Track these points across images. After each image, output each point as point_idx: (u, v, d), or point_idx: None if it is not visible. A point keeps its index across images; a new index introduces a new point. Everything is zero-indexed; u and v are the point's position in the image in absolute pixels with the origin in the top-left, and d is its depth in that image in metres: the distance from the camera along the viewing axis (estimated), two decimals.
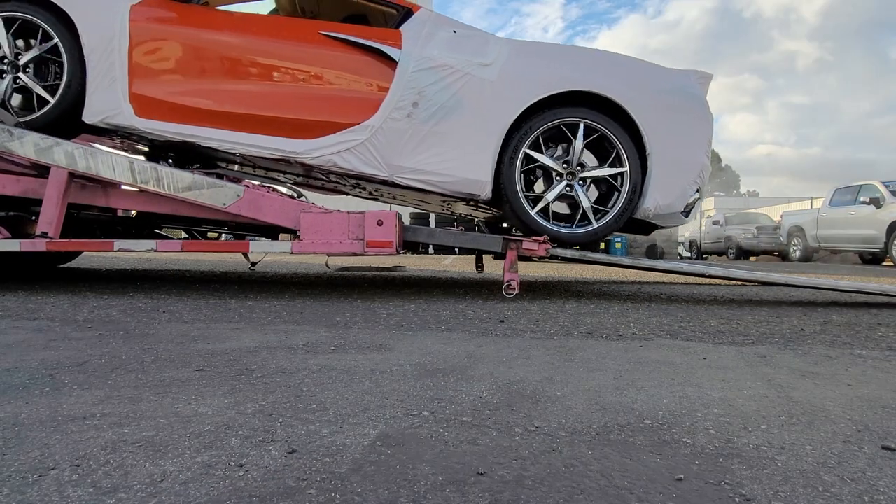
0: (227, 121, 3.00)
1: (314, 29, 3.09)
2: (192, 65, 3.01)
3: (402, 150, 3.03)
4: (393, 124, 3.01)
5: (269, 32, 3.11)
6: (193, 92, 2.99)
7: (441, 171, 3.05)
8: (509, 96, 3.03)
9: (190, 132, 2.99)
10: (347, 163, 3.04)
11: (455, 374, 1.47)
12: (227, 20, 3.14)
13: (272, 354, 1.66)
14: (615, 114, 3.07)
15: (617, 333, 2.15)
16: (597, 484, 0.84)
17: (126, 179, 2.97)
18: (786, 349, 1.92)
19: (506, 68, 3.05)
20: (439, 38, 3.10)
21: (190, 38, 3.01)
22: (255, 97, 3.02)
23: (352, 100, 3.05)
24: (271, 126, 3.02)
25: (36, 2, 2.93)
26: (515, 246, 3.16)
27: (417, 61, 3.01)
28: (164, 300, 2.83)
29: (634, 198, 3.12)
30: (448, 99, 3.01)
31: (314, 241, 2.94)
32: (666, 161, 3.12)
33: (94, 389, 1.27)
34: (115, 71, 2.92)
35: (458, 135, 3.03)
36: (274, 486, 0.81)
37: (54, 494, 0.77)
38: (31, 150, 2.95)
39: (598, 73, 3.12)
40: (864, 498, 0.82)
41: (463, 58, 3.04)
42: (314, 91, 3.05)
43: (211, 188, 2.97)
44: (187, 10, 3.08)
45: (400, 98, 3.00)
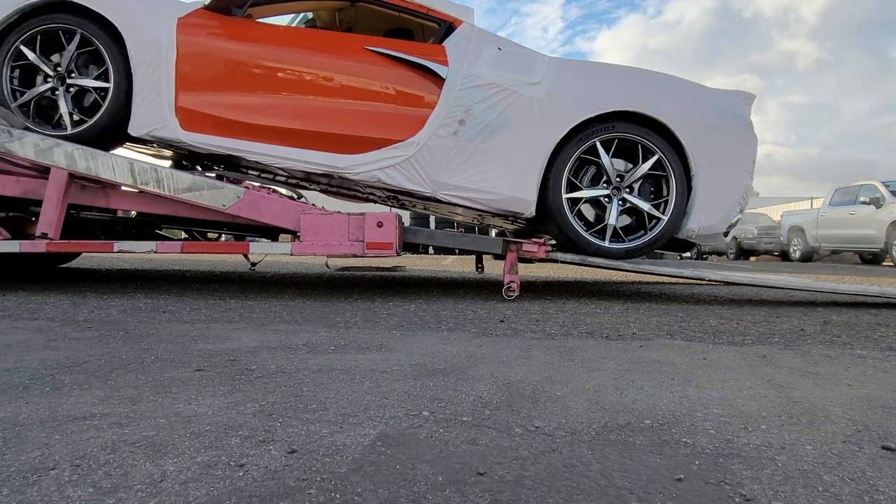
0: (272, 135, 3.00)
1: (359, 44, 3.09)
2: (237, 78, 3.00)
3: (447, 168, 3.03)
4: (438, 141, 3.01)
5: (314, 47, 3.10)
6: (238, 105, 2.99)
7: (486, 189, 3.06)
8: (556, 115, 3.04)
9: (235, 146, 2.99)
10: (391, 179, 3.04)
11: (455, 374, 1.47)
12: (271, 34, 3.14)
13: (272, 354, 1.66)
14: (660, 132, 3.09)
15: (617, 333, 2.15)
16: (597, 484, 0.84)
17: (126, 180, 2.97)
18: (786, 349, 1.92)
19: (553, 87, 3.06)
20: (485, 56, 3.10)
21: (235, 52, 3.01)
22: (300, 111, 3.01)
23: (397, 116, 3.05)
24: (316, 141, 3.01)
25: (84, 14, 2.92)
26: (515, 248, 3.16)
27: (465, 79, 3.01)
28: (164, 300, 2.83)
29: (679, 218, 3.15)
30: (495, 117, 3.01)
31: (314, 242, 2.93)
32: (711, 182, 3.14)
33: (94, 389, 1.27)
34: (161, 83, 2.91)
35: (503, 153, 3.04)
36: (274, 486, 0.81)
37: (54, 494, 0.77)
38: (31, 151, 2.95)
39: (645, 92, 3.13)
40: (864, 498, 0.82)
41: (510, 76, 3.04)
42: (359, 107, 3.04)
43: (211, 189, 2.97)
44: (232, 24, 3.08)
45: (446, 115, 3.00)
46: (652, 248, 3.23)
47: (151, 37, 2.92)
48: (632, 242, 3.16)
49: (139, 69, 2.90)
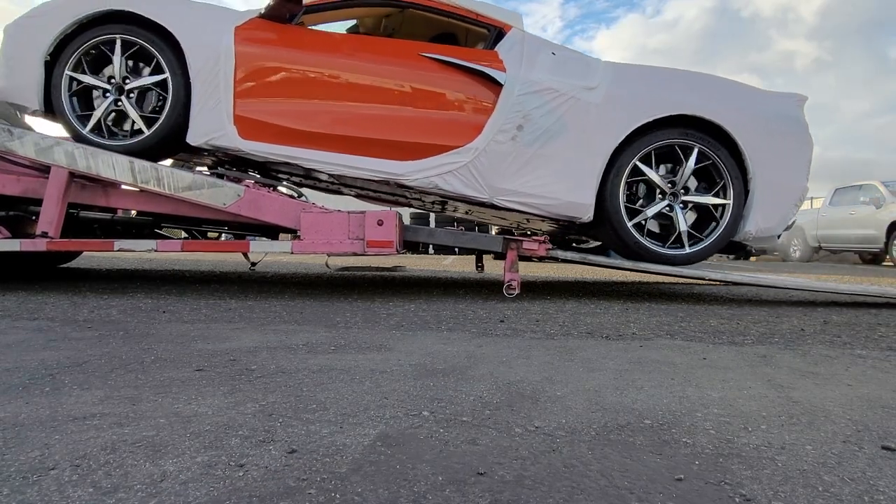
0: (330, 142, 3.00)
1: (414, 50, 3.09)
2: (293, 86, 3.00)
3: (505, 173, 3.04)
4: (496, 147, 3.01)
5: (369, 54, 3.10)
6: (295, 113, 2.99)
7: (543, 194, 3.06)
8: (615, 120, 3.04)
9: (292, 154, 2.99)
10: (449, 185, 3.04)
11: (455, 374, 1.47)
12: (327, 41, 3.14)
13: (272, 354, 1.66)
14: (716, 135, 3.10)
15: (617, 333, 2.15)
16: (597, 484, 0.84)
17: (126, 179, 2.97)
18: (786, 349, 1.92)
19: (610, 92, 3.06)
20: (541, 61, 3.10)
21: (292, 60, 3.01)
22: (357, 119, 3.01)
23: (454, 122, 3.06)
24: (373, 148, 3.02)
25: (142, 24, 2.93)
26: (516, 246, 3.16)
27: (523, 85, 3.01)
28: (164, 300, 2.83)
29: (737, 221, 3.15)
30: (553, 122, 3.01)
31: (314, 240, 2.93)
32: (768, 185, 3.14)
33: (94, 389, 1.27)
34: (219, 92, 2.92)
35: (561, 158, 3.04)
36: (274, 486, 0.81)
37: (54, 494, 0.77)
38: (31, 150, 2.95)
39: (702, 96, 3.13)
40: (864, 498, 0.82)
41: (568, 81, 3.05)
42: (416, 113, 3.04)
43: (211, 188, 2.97)
44: (287, 32, 3.08)
45: (505, 121, 3.00)
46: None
47: (210, 46, 2.93)
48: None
49: (198, 78, 2.91)
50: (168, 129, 2.95)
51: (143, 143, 2.98)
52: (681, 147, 3.09)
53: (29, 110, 3.04)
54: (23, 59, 2.97)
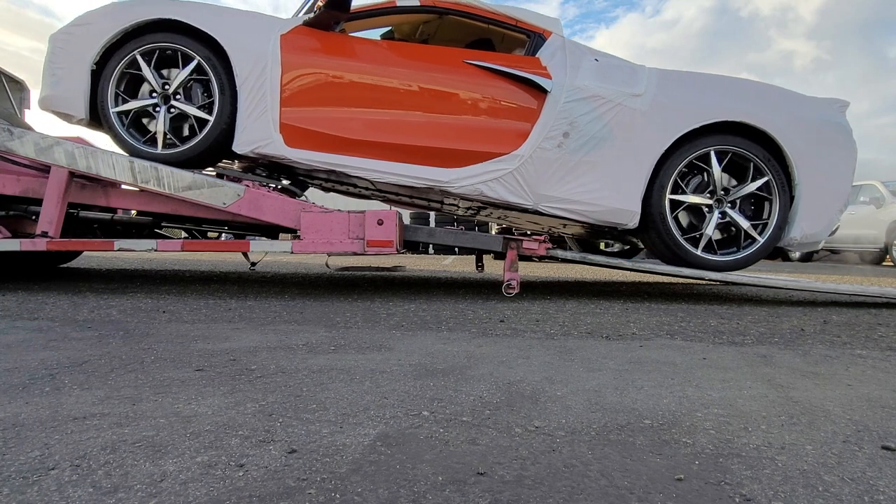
0: (375, 150, 3.00)
1: (458, 57, 3.09)
2: (339, 94, 3.00)
3: (550, 180, 3.04)
4: (542, 154, 3.02)
5: (414, 61, 3.10)
6: (342, 121, 2.99)
7: (589, 201, 3.06)
8: (661, 126, 3.05)
9: (338, 161, 2.99)
10: (494, 192, 3.04)
11: (455, 374, 1.47)
12: (371, 49, 3.13)
13: (272, 354, 1.66)
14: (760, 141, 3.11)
15: (617, 333, 2.15)
16: (597, 484, 0.84)
17: (126, 178, 2.97)
18: (786, 349, 1.92)
19: (657, 99, 3.07)
20: (586, 68, 3.10)
21: (337, 67, 3.02)
22: (403, 126, 3.01)
23: (499, 129, 3.05)
24: (418, 155, 3.02)
25: (187, 33, 2.94)
26: (516, 245, 3.16)
27: (570, 92, 3.01)
28: (164, 300, 2.83)
29: (782, 227, 3.17)
30: (600, 129, 3.02)
31: (315, 240, 2.94)
32: (814, 191, 3.15)
33: (94, 389, 1.27)
34: (266, 101, 2.93)
35: (608, 165, 3.04)
36: (274, 486, 0.81)
37: (54, 494, 0.77)
38: (31, 150, 2.95)
39: (748, 102, 3.13)
40: (864, 498, 0.82)
41: (614, 88, 3.05)
42: (461, 120, 3.04)
43: (211, 188, 2.97)
44: (332, 39, 3.09)
45: (551, 128, 3.01)
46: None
47: (257, 54, 2.93)
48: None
49: (244, 86, 2.92)
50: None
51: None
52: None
53: (74, 119, 3.04)
54: (69, 69, 2.97)
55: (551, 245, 3.22)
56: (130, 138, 3.01)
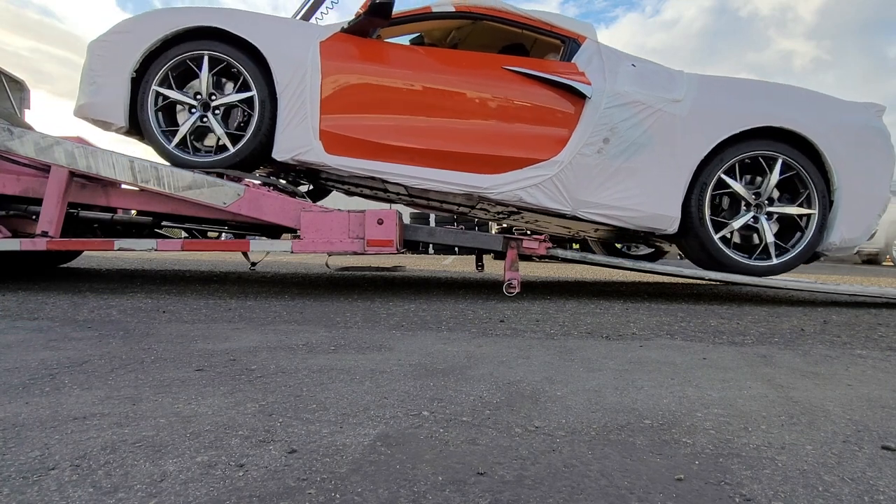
0: (414, 157, 3.00)
1: (497, 63, 3.09)
2: (379, 100, 3.00)
3: (589, 186, 3.04)
4: (582, 160, 3.01)
5: (452, 67, 3.09)
6: (381, 128, 2.99)
7: (629, 207, 3.06)
8: (701, 132, 3.05)
9: (378, 168, 2.99)
10: (533, 198, 3.04)
11: (455, 374, 1.47)
12: (410, 55, 3.13)
13: (272, 354, 1.66)
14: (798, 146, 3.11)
15: (617, 333, 2.15)
16: (597, 484, 0.84)
17: (126, 178, 2.97)
18: (786, 349, 1.92)
19: (696, 104, 3.07)
20: (624, 73, 3.10)
21: (376, 74, 3.01)
22: (442, 132, 3.01)
23: (538, 135, 3.05)
24: (457, 161, 3.01)
25: (227, 40, 2.93)
26: (516, 245, 3.16)
27: (610, 97, 3.01)
28: (164, 300, 2.83)
29: (821, 231, 3.17)
30: (640, 135, 3.02)
31: (315, 239, 2.94)
32: (852, 195, 3.16)
33: (94, 389, 1.27)
34: (306, 108, 2.92)
35: (647, 171, 3.05)
36: (274, 486, 0.81)
37: (54, 494, 0.77)
38: (31, 150, 2.95)
39: (787, 107, 3.13)
40: (864, 498, 0.82)
41: (654, 94, 3.06)
42: (499, 127, 3.04)
43: (211, 187, 2.97)
44: (370, 46, 3.08)
45: (591, 134, 3.00)
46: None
47: (296, 61, 2.93)
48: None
49: (284, 94, 2.91)
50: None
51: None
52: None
53: (113, 127, 3.03)
54: (109, 76, 2.97)
55: (551, 244, 3.22)
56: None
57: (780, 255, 3.18)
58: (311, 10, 4.07)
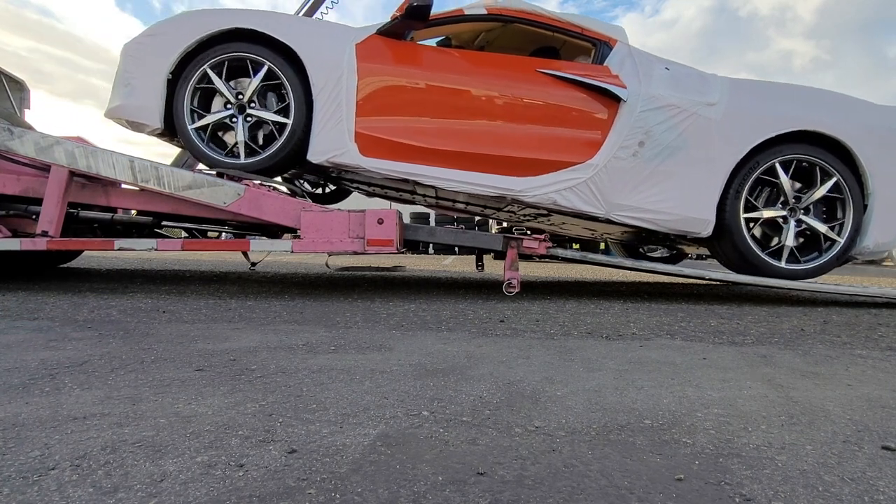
0: (449, 159, 3.00)
1: (531, 66, 3.09)
2: (414, 103, 3.00)
3: (623, 189, 3.05)
4: (617, 163, 3.02)
5: (487, 70, 3.09)
6: (416, 130, 2.99)
7: (663, 210, 3.07)
8: (736, 136, 3.06)
9: (412, 170, 2.99)
10: (567, 201, 3.04)
11: (455, 374, 1.47)
12: (445, 57, 3.13)
13: (272, 354, 1.66)
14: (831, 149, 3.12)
15: (617, 333, 2.15)
16: (597, 484, 0.84)
17: (126, 178, 2.97)
18: (786, 349, 1.92)
19: (730, 108, 3.08)
20: (658, 76, 3.10)
21: (411, 76, 3.02)
22: (477, 135, 3.01)
23: (572, 138, 3.05)
24: (492, 164, 3.01)
25: (263, 42, 2.93)
26: (516, 244, 3.17)
27: (646, 101, 3.02)
28: (164, 300, 2.83)
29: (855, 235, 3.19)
30: (675, 139, 3.03)
31: (315, 239, 2.94)
32: (886, 199, 3.17)
33: (94, 389, 1.27)
34: (341, 110, 2.92)
35: (682, 174, 3.05)
36: (274, 486, 0.81)
37: (54, 494, 0.77)
38: (31, 149, 2.95)
39: (821, 111, 3.14)
40: (864, 498, 0.82)
41: (688, 97, 3.06)
42: (534, 129, 3.04)
43: (211, 187, 2.97)
44: (405, 48, 3.08)
45: (627, 137, 3.01)
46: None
47: (332, 63, 2.92)
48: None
49: (320, 96, 2.91)
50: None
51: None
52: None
53: (148, 128, 3.02)
54: (144, 78, 2.96)
55: (551, 244, 3.22)
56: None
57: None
58: (311, 9, 4.06)
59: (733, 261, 3.24)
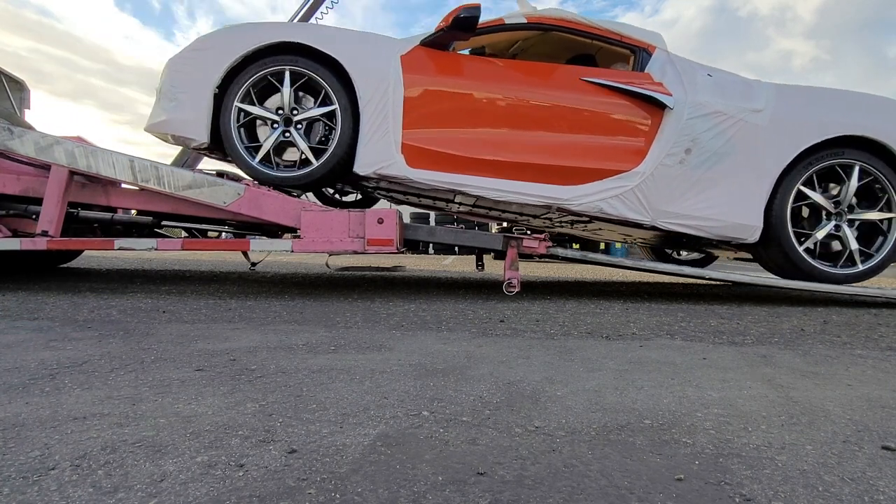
0: (496, 169, 3.00)
1: (574, 75, 3.08)
2: (460, 113, 2.99)
3: (670, 196, 3.05)
4: (664, 170, 3.02)
5: (531, 79, 3.08)
6: (462, 140, 2.98)
7: (709, 216, 3.07)
8: (782, 141, 3.06)
9: (458, 181, 2.99)
10: (613, 209, 3.04)
11: (455, 374, 1.47)
12: (489, 67, 3.12)
13: (272, 354, 1.66)
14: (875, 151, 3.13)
15: (617, 333, 2.15)
16: (597, 484, 0.84)
17: (126, 177, 2.97)
18: (786, 349, 1.92)
19: (776, 114, 3.08)
20: (702, 83, 3.11)
21: (457, 87, 3.02)
22: (522, 144, 3.01)
23: (618, 146, 3.05)
24: (538, 173, 3.01)
25: (309, 55, 2.92)
26: (516, 244, 3.16)
27: (692, 108, 3.02)
28: (164, 300, 2.83)
29: None
30: (722, 145, 3.03)
31: (315, 239, 2.93)
32: None
33: (94, 389, 1.27)
34: (388, 122, 2.92)
35: (729, 180, 3.05)
36: (274, 486, 0.81)
37: (54, 494, 0.77)
38: (31, 149, 2.95)
39: (866, 116, 3.14)
40: (864, 498, 0.82)
41: (734, 104, 3.06)
42: (580, 138, 3.04)
43: (211, 186, 2.97)
44: (449, 59, 3.08)
45: (674, 144, 3.01)
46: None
47: (378, 76, 2.92)
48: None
49: (367, 108, 2.91)
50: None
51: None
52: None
53: (194, 143, 3.00)
54: (191, 93, 2.95)
55: (552, 243, 3.22)
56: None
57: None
58: (311, 10, 4.06)
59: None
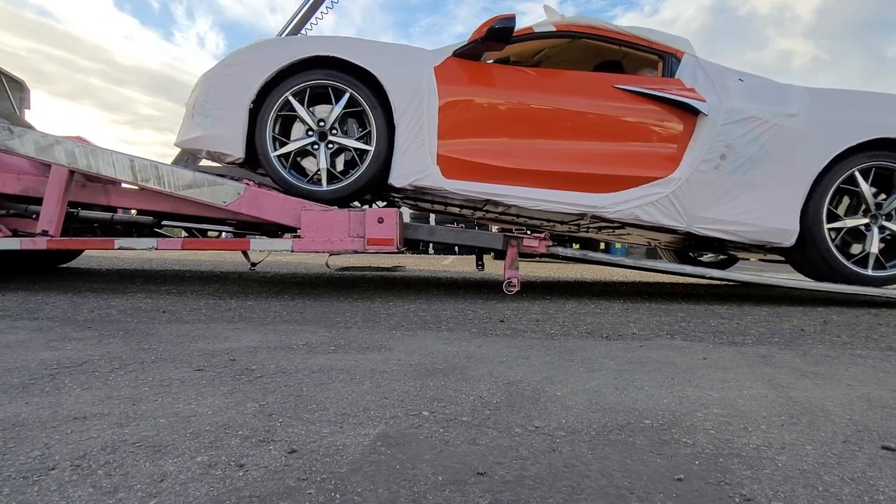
0: (531, 178, 3.00)
1: (607, 82, 3.08)
2: (494, 123, 2.99)
3: (705, 202, 3.05)
4: (699, 176, 3.02)
5: (565, 88, 3.08)
6: (497, 150, 2.98)
7: (745, 221, 3.07)
8: (818, 145, 3.06)
9: (494, 191, 2.99)
10: (649, 216, 3.04)
11: (455, 374, 1.47)
12: (522, 77, 3.11)
13: (272, 354, 1.66)
14: None
15: (617, 333, 2.15)
16: (597, 484, 0.84)
17: (126, 177, 2.97)
18: (786, 349, 1.92)
19: (811, 118, 3.08)
20: (735, 89, 3.10)
21: (491, 97, 3.01)
22: (557, 153, 3.00)
23: (652, 153, 3.05)
24: (573, 181, 3.01)
25: (343, 68, 2.92)
26: (516, 243, 3.16)
27: (727, 114, 3.01)
28: (164, 300, 2.83)
29: None
30: (757, 150, 3.03)
31: (315, 238, 2.93)
32: None
33: (94, 389, 1.27)
34: (423, 133, 2.92)
35: (764, 185, 3.05)
36: (274, 486, 0.81)
37: (54, 494, 0.77)
38: (31, 149, 2.95)
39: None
40: (864, 498, 0.82)
41: (769, 109, 3.06)
42: (615, 145, 3.04)
43: (211, 186, 2.97)
44: (482, 69, 3.08)
45: (708, 150, 3.01)
46: None
47: (413, 87, 2.92)
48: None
49: (402, 120, 2.91)
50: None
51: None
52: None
53: (229, 158, 2.99)
54: (226, 107, 2.94)
55: (552, 243, 3.22)
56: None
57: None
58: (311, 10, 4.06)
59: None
